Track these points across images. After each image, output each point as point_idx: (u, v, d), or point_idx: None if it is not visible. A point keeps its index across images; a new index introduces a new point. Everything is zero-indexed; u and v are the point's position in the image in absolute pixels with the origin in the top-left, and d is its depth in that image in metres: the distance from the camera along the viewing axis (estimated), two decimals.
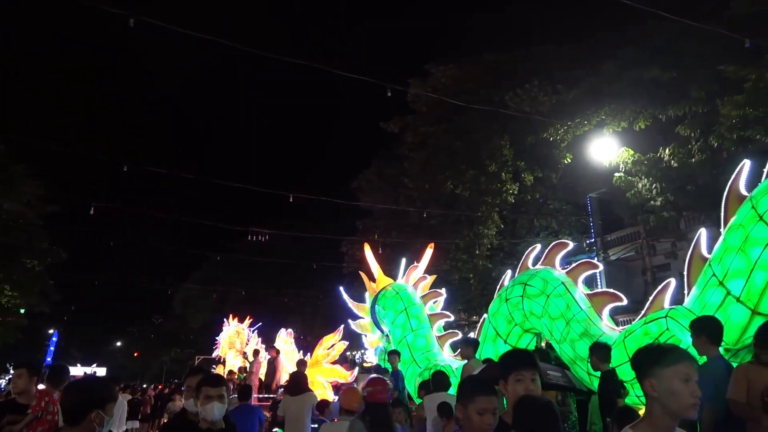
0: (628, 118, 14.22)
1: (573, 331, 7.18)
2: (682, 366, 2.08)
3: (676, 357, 2.11)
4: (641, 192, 14.18)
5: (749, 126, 11.21)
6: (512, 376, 2.63)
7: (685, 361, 2.10)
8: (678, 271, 7.77)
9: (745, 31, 9.59)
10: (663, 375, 2.08)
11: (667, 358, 2.11)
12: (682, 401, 2.05)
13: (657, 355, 2.17)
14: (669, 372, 2.07)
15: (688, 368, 2.09)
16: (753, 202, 5.45)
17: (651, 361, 2.16)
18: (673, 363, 2.08)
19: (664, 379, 2.08)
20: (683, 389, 2.05)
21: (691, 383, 2.06)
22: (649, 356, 2.20)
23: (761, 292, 5.32)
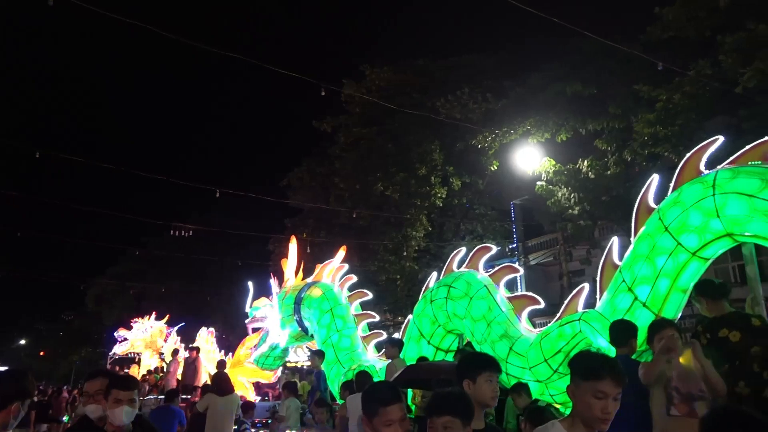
0: (551, 129, 14.90)
1: (493, 333, 7.42)
2: (601, 384, 2.13)
3: (599, 373, 2.15)
4: (561, 201, 14.87)
5: (659, 143, 12.03)
6: (483, 376, 2.70)
7: (606, 379, 2.14)
8: (592, 276, 8.23)
9: (658, 54, 10.29)
10: (581, 387, 2.17)
11: (590, 372, 2.17)
12: (592, 415, 2.14)
13: (582, 366, 2.25)
14: (586, 386, 2.15)
15: (607, 387, 2.13)
16: (660, 214, 5.85)
17: (575, 370, 2.26)
18: (593, 378, 2.15)
19: (580, 391, 2.18)
20: (595, 405, 2.12)
21: (604, 401, 2.12)
22: (576, 365, 2.29)
23: (664, 298, 5.73)
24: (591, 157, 14.38)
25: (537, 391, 6.74)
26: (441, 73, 20.03)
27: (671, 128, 11.82)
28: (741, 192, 5.11)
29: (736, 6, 10.60)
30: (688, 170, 5.75)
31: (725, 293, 4.36)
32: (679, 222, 5.61)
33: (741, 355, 4.05)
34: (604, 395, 2.13)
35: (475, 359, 2.97)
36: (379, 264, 19.39)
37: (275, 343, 12.20)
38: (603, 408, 2.13)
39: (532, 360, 6.79)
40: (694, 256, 5.59)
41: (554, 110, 14.82)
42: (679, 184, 5.79)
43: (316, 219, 22.24)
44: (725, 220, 5.26)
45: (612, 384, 2.14)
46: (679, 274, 5.65)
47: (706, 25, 11.19)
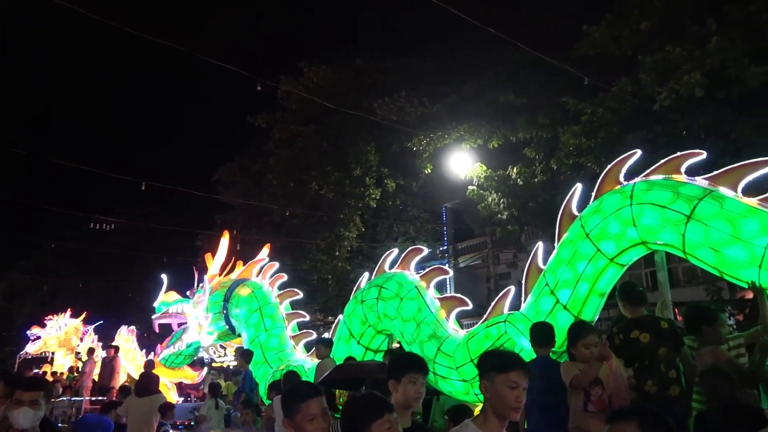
0: (483, 136, 15.32)
1: (423, 333, 7.54)
2: (513, 374, 2.36)
3: (510, 365, 2.39)
4: (490, 205, 15.32)
5: (583, 154, 12.62)
6: (407, 378, 2.75)
7: (517, 369, 2.38)
8: (517, 279, 8.51)
9: (585, 70, 10.81)
10: (496, 380, 2.37)
11: (502, 365, 2.40)
12: (507, 405, 2.34)
13: (494, 361, 2.46)
14: (501, 378, 2.36)
15: (518, 377, 2.37)
16: (582, 221, 6.15)
17: (488, 366, 2.45)
18: (505, 371, 2.37)
19: (495, 384, 2.37)
20: (509, 395, 2.34)
21: (517, 390, 2.35)
22: (488, 361, 2.49)
23: (584, 301, 6.03)
24: (520, 164, 14.90)
25: (462, 390, 6.91)
26: (379, 75, 20.16)
27: (594, 140, 12.43)
28: (655, 203, 5.46)
29: (656, 29, 11.30)
30: (608, 181, 6.08)
31: (644, 300, 4.69)
32: (599, 229, 5.91)
33: (650, 356, 4.33)
34: (516, 385, 2.35)
35: (401, 360, 3.04)
36: (311, 263, 19.24)
37: (195, 341, 11.84)
38: (516, 397, 2.35)
39: (459, 360, 6.95)
40: (611, 262, 5.91)
41: (487, 118, 15.26)
42: (600, 194, 6.11)
43: (247, 216, 21.79)
44: (640, 229, 5.60)
45: (522, 375, 2.38)
46: (598, 278, 5.96)
47: (628, 45, 11.85)
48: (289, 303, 10.80)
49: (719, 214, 5.02)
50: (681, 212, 5.23)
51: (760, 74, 9.42)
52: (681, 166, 5.57)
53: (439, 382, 7.19)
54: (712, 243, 5.04)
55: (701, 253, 5.18)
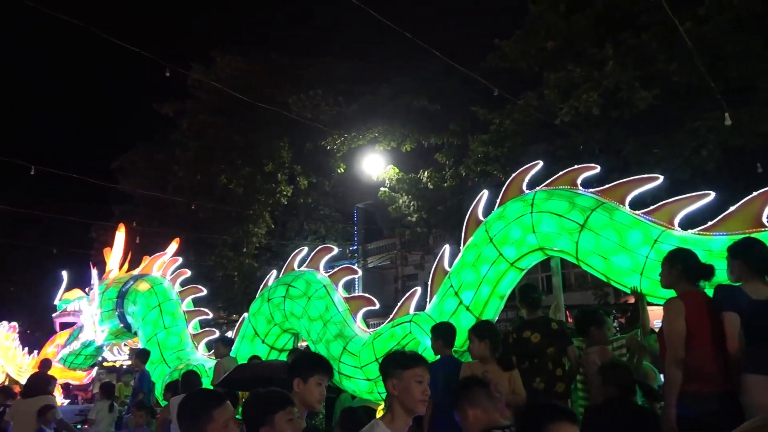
0: (397, 139, 15.59)
1: (329, 332, 7.54)
2: (418, 369, 2.54)
3: (414, 362, 2.57)
4: (401, 207, 15.60)
5: (490, 162, 13.17)
6: (314, 378, 2.80)
7: (420, 365, 2.57)
8: (424, 281, 8.72)
9: (495, 81, 11.28)
10: (404, 376, 2.51)
11: (407, 362, 2.56)
12: (415, 398, 2.49)
13: (399, 359, 2.61)
14: (408, 374, 2.51)
15: (423, 372, 2.55)
16: (486, 226, 6.42)
17: (394, 364, 2.59)
18: (411, 366, 2.53)
19: (403, 380, 2.51)
20: (417, 389, 2.50)
21: (423, 384, 2.52)
22: (393, 360, 2.63)
23: (485, 303, 6.29)
24: (431, 168, 15.29)
25: (366, 389, 6.98)
26: (295, 71, 19.88)
27: (501, 150, 13.01)
28: (553, 212, 5.81)
29: (560, 49, 12.03)
30: (512, 189, 6.39)
31: (540, 304, 5.01)
32: (502, 235, 6.20)
33: (539, 355, 4.62)
34: (422, 379, 2.52)
35: (308, 360, 3.04)
36: (216, 259, 18.63)
37: (89, 340, 11.15)
38: (423, 390, 2.51)
39: (364, 359, 7.01)
40: (512, 266, 6.21)
41: (401, 121, 15.53)
42: (504, 201, 6.40)
43: (149, 207, 20.73)
44: (539, 236, 5.93)
45: (425, 369, 2.57)
46: (499, 281, 6.24)
47: (535, 62, 12.52)
48: (192, 300, 10.40)
49: (609, 224, 5.43)
50: (576, 221, 5.60)
51: (648, 98, 10.29)
52: (577, 178, 5.96)
53: (344, 381, 7.21)
54: (602, 251, 5.44)
55: (592, 260, 5.57)
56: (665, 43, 10.31)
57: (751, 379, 3.30)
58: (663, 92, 10.53)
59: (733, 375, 3.43)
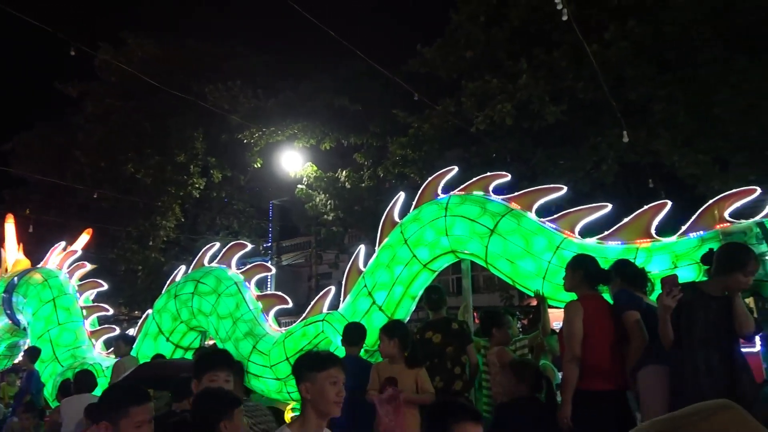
0: (317, 136, 15.50)
1: (239, 331, 7.36)
2: (332, 370, 2.46)
3: (328, 363, 2.49)
4: (318, 206, 15.53)
5: (407, 165, 13.41)
6: (207, 376, 2.70)
7: (335, 366, 2.49)
8: (338, 280, 8.74)
9: (416, 86, 11.52)
10: (318, 378, 2.43)
11: (321, 363, 2.47)
12: (329, 400, 2.41)
13: (312, 361, 2.51)
14: (323, 375, 2.43)
15: (337, 372, 2.48)
16: (402, 228, 6.53)
17: (307, 366, 2.49)
18: (325, 368, 2.45)
19: (317, 382, 2.42)
20: (331, 390, 2.42)
21: (338, 385, 2.44)
22: (305, 362, 2.53)
23: (397, 303, 6.40)
24: (349, 168, 15.34)
25: (276, 389, 6.89)
26: (212, 60, 19.20)
27: (419, 153, 13.29)
28: (466, 216, 6.02)
29: (478, 59, 12.48)
30: (428, 192, 6.55)
31: (442, 305, 5.19)
32: (416, 236, 6.33)
33: (439, 354, 4.79)
34: (336, 380, 2.46)
35: (203, 358, 2.99)
36: (119, 252, 17.62)
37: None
38: (338, 392, 2.45)
39: (275, 358, 6.91)
40: (424, 267, 6.36)
41: (321, 119, 15.46)
42: (420, 203, 6.55)
43: (45, 194, 19.25)
44: (451, 239, 6.12)
45: (340, 370, 2.50)
46: (412, 282, 6.37)
47: (455, 70, 12.90)
48: (90, 295, 9.77)
49: (516, 230, 5.70)
50: (486, 226, 5.83)
51: (557, 112, 10.91)
52: (489, 184, 6.21)
53: (252, 381, 7.07)
54: (509, 255, 5.70)
55: (499, 264, 5.82)
56: (574, 62, 10.97)
57: (645, 369, 3.61)
58: (570, 108, 11.21)
59: (626, 373, 3.77)
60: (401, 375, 4.22)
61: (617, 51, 10.39)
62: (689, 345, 3.44)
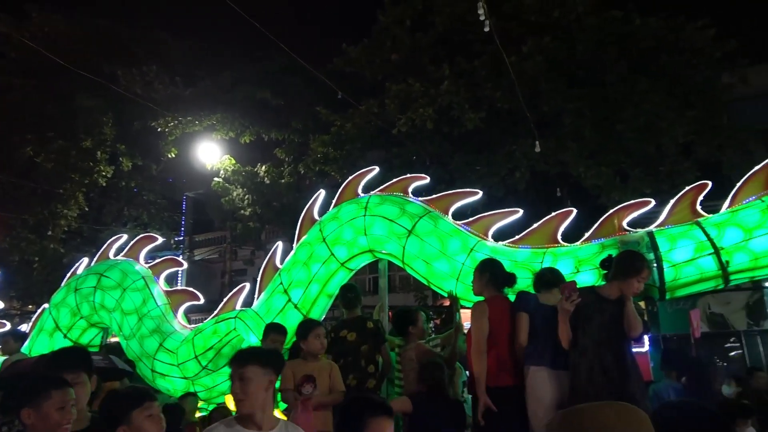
0: (236, 129, 15.09)
1: (144, 327, 7.03)
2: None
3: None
4: (234, 200, 15.13)
5: (329, 163, 13.37)
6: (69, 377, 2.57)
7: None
8: (253, 276, 8.56)
9: (340, 84, 11.51)
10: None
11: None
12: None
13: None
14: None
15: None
16: (321, 226, 6.50)
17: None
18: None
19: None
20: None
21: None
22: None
23: (313, 301, 6.36)
24: (269, 163, 15.07)
25: (183, 388, 6.65)
26: (126, 42, 18.16)
27: (340, 152, 13.28)
28: (385, 216, 6.09)
29: (402, 63, 12.66)
30: (348, 191, 6.56)
31: (356, 303, 5.21)
32: (334, 235, 6.33)
33: (353, 353, 4.83)
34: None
35: (52, 358, 2.91)
36: (12, 241, 16.26)
37: None
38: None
39: (182, 356, 6.66)
40: (342, 266, 6.37)
41: (241, 112, 15.08)
42: (340, 202, 6.55)
43: None
44: (370, 238, 6.17)
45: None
46: (329, 280, 6.36)
47: (379, 71, 13.02)
48: None
49: (433, 231, 5.84)
50: (404, 227, 5.93)
51: (475, 119, 11.27)
52: (409, 186, 6.32)
53: (158, 380, 6.78)
54: (425, 256, 5.83)
55: (416, 264, 5.94)
56: (493, 71, 11.39)
57: (532, 370, 3.91)
58: (488, 116, 11.63)
59: (520, 370, 4.05)
60: (318, 372, 4.20)
61: (533, 64, 10.90)
62: (586, 345, 3.70)
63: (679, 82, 10.75)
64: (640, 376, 3.78)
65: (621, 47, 10.87)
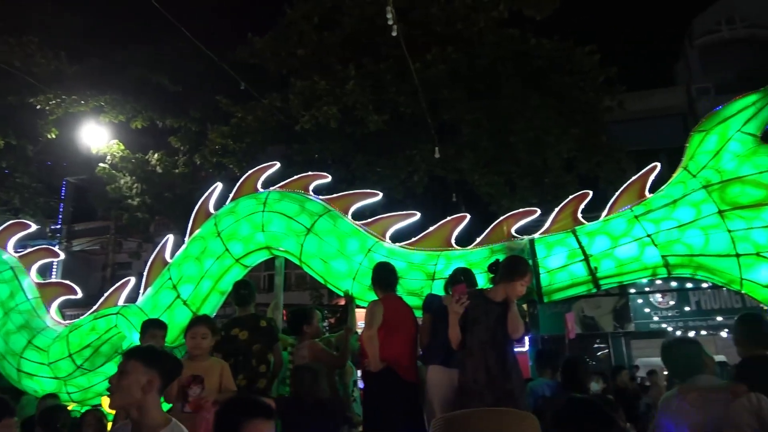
0: (127, 113, 14.15)
1: (11, 323, 6.41)
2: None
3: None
4: (122, 188, 14.22)
5: (227, 155, 12.95)
6: None
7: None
8: (139, 271, 8.09)
9: (243, 75, 11.19)
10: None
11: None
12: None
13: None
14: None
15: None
16: (216, 220, 6.28)
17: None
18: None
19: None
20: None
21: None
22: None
23: (204, 298, 6.13)
24: (163, 151, 14.33)
25: (54, 388, 6.14)
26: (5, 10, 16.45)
27: (240, 144, 12.91)
28: (284, 213, 6.00)
29: (308, 59, 12.56)
30: (247, 185, 6.39)
31: (248, 301, 5.09)
32: (230, 230, 6.14)
33: (244, 352, 4.73)
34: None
35: None
36: None
37: None
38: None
39: (54, 355, 6.15)
40: (237, 262, 6.19)
41: (134, 95, 14.17)
42: (237, 196, 6.37)
43: None
44: (267, 235, 6.05)
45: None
46: (222, 277, 6.15)
47: (285, 66, 12.81)
48: None
49: (332, 231, 5.84)
50: (303, 225, 5.88)
51: (379, 122, 11.44)
52: (310, 184, 6.27)
53: (24, 380, 6.22)
54: (323, 255, 5.82)
55: (313, 263, 5.91)
56: (398, 76, 11.62)
57: (428, 368, 4.21)
58: (391, 119, 11.84)
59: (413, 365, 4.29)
60: (206, 372, 4.04)
61: (436, 73, 11.25)
62: (473, 345, 3.90)
63: (567, 101, 11.59)
64: (521, 375, 4.04)
65: (517, 64, 11.52)
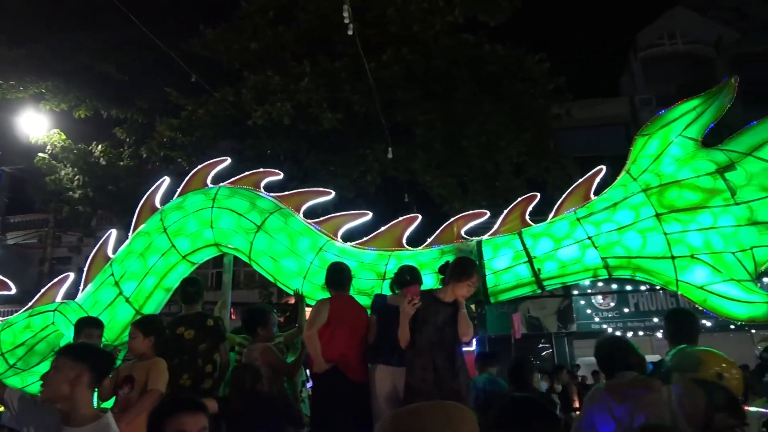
0: (69, 101, 13.57)
1: None
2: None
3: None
4: (62, 180, 13.63)
5: (176, 149, 12.60)
6: None
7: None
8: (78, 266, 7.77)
9: (195, 68, 10.91)
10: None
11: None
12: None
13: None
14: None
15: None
16: (162, 215, 6.09)
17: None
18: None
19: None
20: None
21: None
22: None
23: (148, 295, 5.94)
24: (107, 143, 13.82)
25: None
26: None
27: (189, 138, 12.59)
28: (233, 210, 5.89)
29: (263, 53, 12.37)
30: (195, 180, 6.23)
31: (195, 299, 4.98)
32: (178, 226, 5.97)
33: (190, 351, 4.60)
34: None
35: None
36: None
37: None
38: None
39: None
40: (184, 259, 6.03)
41: (78, 83, 13.60)
42: (185, 191, 6.20)
43: None
44: (216, 232, 5.92)
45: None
46: (167, 273, 5.98)
47: (238, 59, 12.58)
48: None
49: (283, 229, 5.77)
50: (254, 222, 5.78)
51: (333, 120, 11.39)
52: (261, 181, 6.17)
53: None
54: (273, 253, 5.74)
55: (263, 261, 5.82)
56: (353, 75, 11.61)
57: (374, 367, 4.25)
58: (345, 117, 11.82)
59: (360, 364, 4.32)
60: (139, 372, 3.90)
61: (391, 73, 11.31)
62: (422, 345, 3.95)
63: (517, 107, 11.88)
64: (468, 375, 4.13)
65: (470, 68, 11.72)
